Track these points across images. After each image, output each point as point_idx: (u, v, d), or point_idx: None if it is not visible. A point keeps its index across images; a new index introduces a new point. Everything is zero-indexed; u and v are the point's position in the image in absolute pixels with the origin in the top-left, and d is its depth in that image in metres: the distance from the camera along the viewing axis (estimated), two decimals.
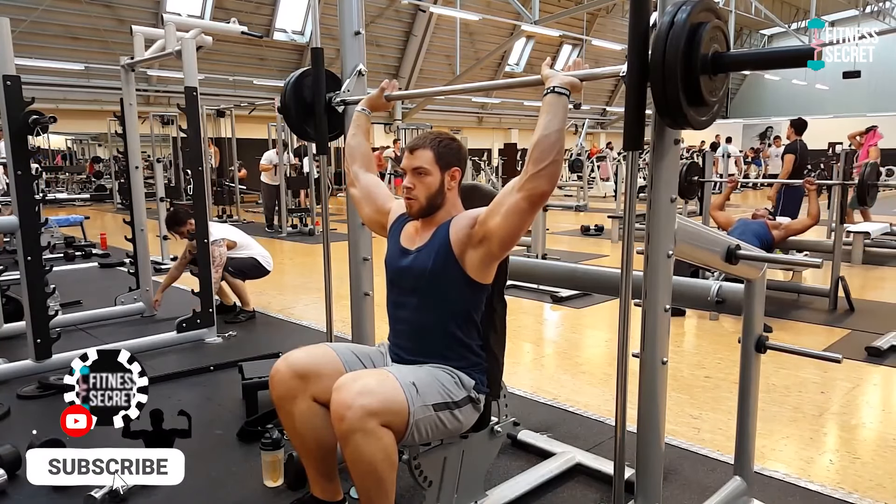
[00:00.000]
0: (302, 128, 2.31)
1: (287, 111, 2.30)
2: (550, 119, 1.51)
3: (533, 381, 3.25)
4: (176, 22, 3.88)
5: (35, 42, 12.37)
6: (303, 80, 2.27)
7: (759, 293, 1.83)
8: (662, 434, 1.57)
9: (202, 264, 3.80)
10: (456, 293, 1.70)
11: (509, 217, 1.58)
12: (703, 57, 1.28)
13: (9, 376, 3.18)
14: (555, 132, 1.51)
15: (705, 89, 1.30)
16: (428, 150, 1.74)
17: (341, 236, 2.31)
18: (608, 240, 8.41)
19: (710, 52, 1.30)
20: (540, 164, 1.52)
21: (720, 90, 1.37)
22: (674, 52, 1.26)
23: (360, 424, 1.47)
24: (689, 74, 1.28)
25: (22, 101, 3.12)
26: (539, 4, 14.60)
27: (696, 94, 1.30)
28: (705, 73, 1.30)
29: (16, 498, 2.11)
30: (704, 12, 1.29)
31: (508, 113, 22.66)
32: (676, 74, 1.26)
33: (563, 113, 1.51)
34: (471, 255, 1.68)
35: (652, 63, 1.29)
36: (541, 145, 1.51)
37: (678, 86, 1.27)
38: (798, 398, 2.95)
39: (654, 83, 1.30)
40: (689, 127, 1.36)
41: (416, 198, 1.74)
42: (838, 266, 4.53)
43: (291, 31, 16.55)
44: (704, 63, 1.28)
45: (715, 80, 1.33)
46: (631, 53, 1.33)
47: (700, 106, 1.33)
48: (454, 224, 1.72)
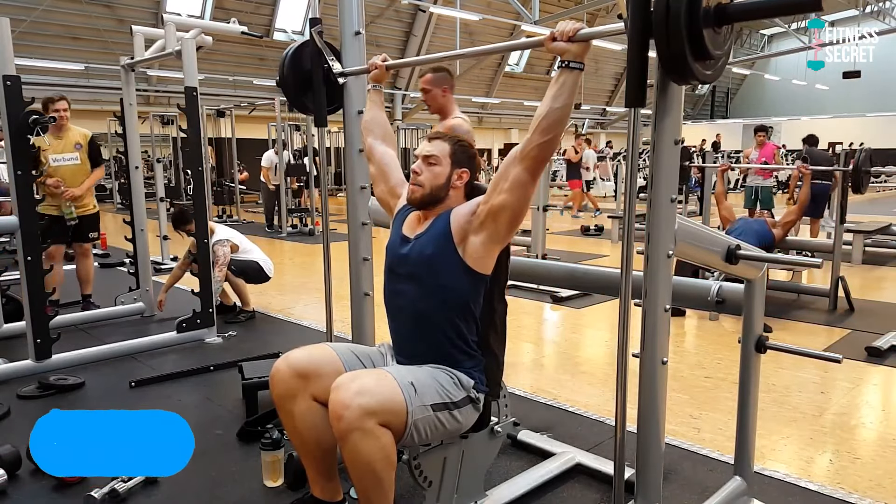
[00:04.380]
0: (300, 100, 2.29)
1: (285, 84, 2.27)
2: (564, 92, 1.51)
3: (533, 381, 3.25)
4: (176, 22, 3.88)
5: (35, 42, 12.36)
6: (301, 52, 2.24)
7: (759, 293, 1.83)
8: (662, 434, 1.57)
9: (202, 264, 3.80)
10: (454, 282, 1.70)
11: (515, 191, 1.60)
12: (706, 9, 1.25)
13: (9, 376, 3.18)
14: (567, 106, 1.52)
15: (710, 42, 1.28)
16: (445, 144, 1.78)
17: (341, 236, 2.31)
18: (608, 240, 8.41)
19: (714, 4, 1.27)
20: (547, 135, 1.53)
21: (725, 43, 1.35)
22: (677, 5, 1.23)
23: (357, 424, 1.47)
24: (693, 28, 1.25)
25: (22, 101, 3.12)
26: (539, 4, 14.60)
27: (701, 47, 1.27)
28: (709, 26, 1.27)
29: (16, 498, 2.11)
30: None
31: (508, 113, 22.65)
32: (681, 28, 1.23)
33: (575, 86, 1.51)
34: (472, 241, 1.69)
35: (655, 18, 1.26)
36: (550, 116, 1.52)
37: (683, 40, 1.24)
38: (798, 398, 2.95)
39: (657, 38, 1.26)
40: (695, 81, 1.33)
41: (422, 184, 1.76)
42: (838, 266, 4.54)
43: (291, 31, 16.53)
44: (707, 15, 1.26)
45: (719, 32, 1.31)
46: (632, 9, 1.30)
47: (705, 59, 1.30)
48: (455, 212, 1.74)
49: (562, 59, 1.50)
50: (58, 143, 4.13)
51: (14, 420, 2.73)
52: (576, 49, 1.48)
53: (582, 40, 1.48)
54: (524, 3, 14.48)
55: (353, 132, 2.23)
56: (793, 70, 22.44)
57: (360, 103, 2.19)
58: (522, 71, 21.84)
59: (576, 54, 1.49)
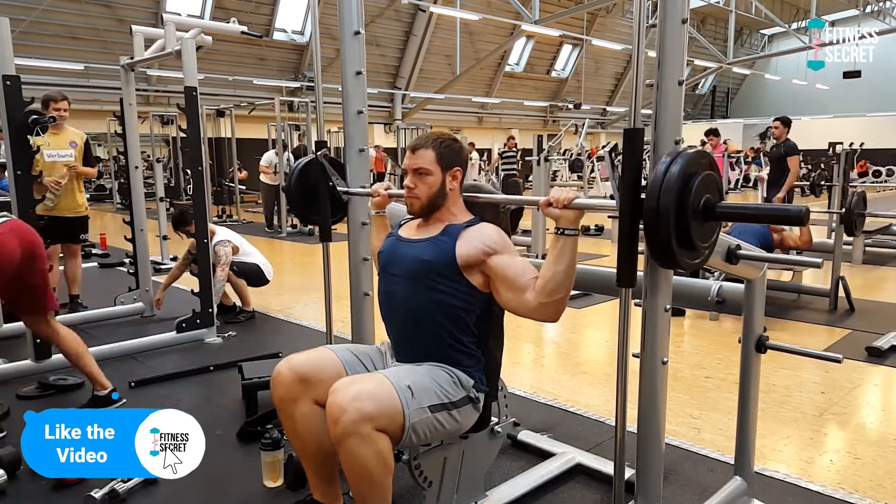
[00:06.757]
0: (306, 212, 2.37)
1: (293, 196, 2.37)
2: (564, 256, 1.55)
3: (533, 381, 3.24)
4: (176, 22, 3.87)
5: (35, 42, 12.34)
6: (307, 168, 2.31)
7: (760, 293, 1.82)
8: (662, 434, 1.57)
9: (202, 265, 3.80)
10: (451, 290, 1.70)
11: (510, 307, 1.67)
12: (694, 205, 1.32)
13: (9, 376, 3.17)
14: (569, 269, 1.56)
15: (696, 235, 1.34)
16: (430, 150, 1.75)
17: (341, 236, 2.31)
18: (608, 240, 8.41)
19: (702, 202, 1.34)
20: (554, 296, 1.57)
21: (711, 236, 1.42)
22: (667, 201, 1.29)
23: (354, 429, 1.47)
24: (682, 223, 1.32)
25: (22, 101, 3.12)
26: (539, 4, 14.57)
27: (687, 239, 1.34)
28: (697, 221, 1.34)
29: (16, 498, 2.11)
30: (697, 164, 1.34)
31: (508, 113, 22.64)
32: (670, 223, 1.30)
33: (574, 250, 1.55)
34: (476, 273, 1.71)
35: (646, 210, 1.32)
36: (555, 279, 1.55)
37: (671, 233, 1.31)
38: (798, 398, 2.95)
39: (647, 226, 1.33)
40: (679, 268, 1.41)
41: (418, 196, 1.76)
42: (839, 266, 4.53)
43: (291, 31, 16.53)
44: (696, 211, 1.33)
45: (706, 226, 1.37)
46: (624, 195, 1.36)
47: (691, 250, 1.37)
48: (464, 237, 1.72)
49: (557, 227, 1.55)
50: (53, 138, 4.15)
51: (14, 420, 2.72)
52: (570, 216, 1.53)
53: (576, 209, 1.53)
54: (524, 3, 14.45)
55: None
56: (793, 70, 22.44)
57: (363, 214, 2.29)
58: (523, 71, 21.83)
59: (570, 221, 1.53)
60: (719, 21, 23.40)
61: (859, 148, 13.86)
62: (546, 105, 23.49)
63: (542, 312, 1.60)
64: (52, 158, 4.14)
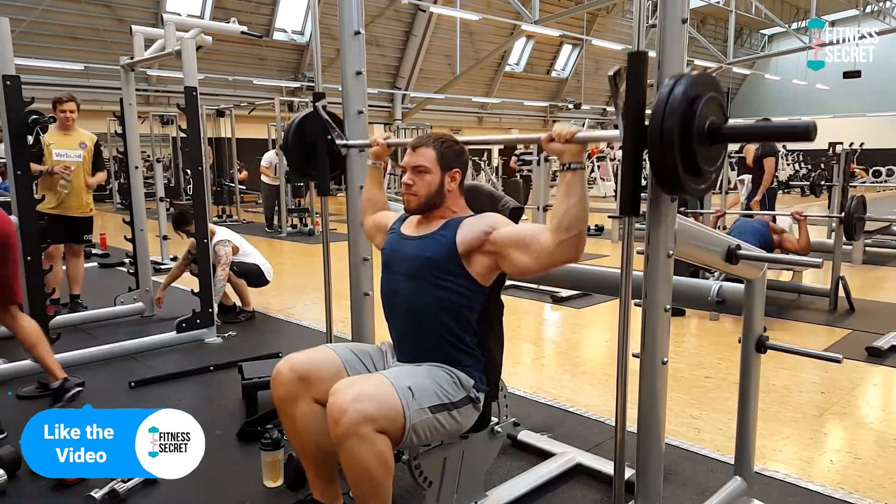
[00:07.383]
0: (304, 168, 2.34)
1: (289, 152, 2.34)
2: (573, 190, 1.52)
3: (533, 381, 3.24)
4: (176, 22, 3.87)
5: (35, 42, 12.34)
6: (305, 122, 2.29)
7: (760, 293, 1.82)
8: (662, 434, 1.57)
9: (202, 265, 3.80)
10: (452, 286, 1.70)
11: (528, 266, 1.60)
12: (699, 128, 1.29)
13: (9, 376, 3.18)
14: (580, 201, 1.52)
15: (702, 159, 1.32)
16: (430, 149, 1.76)
17: (341, 236, 2.31)
18: (608, 240, 8.42)
19: (707, 124, 1.31)
20: (570, 231, 1.52)
21: (717, 160, 1.39)
22: (671, 122, 1.27)
23: (354, 430, 1.47)
24: (687, 145, 1.29)
25: (22, 101, 3.12)
26: (539, 4, 14.56)
27: (693, 164, 1.31)
28: (702, 144, 1.31)
29: (15, 498, 2.11)
30: (702, 85, 1.31)
31: (508, 113, 22.63)
32: (674, 145, 1.27)
33: (582, 184, 1.53)
34: (478, 259, 1.69)
35: (650, 133, 1.30)
36: (569, 214, 1.51)
37: (676, 156, 1.28)
38: (798, 398, 2.95)
39: (652, 153, 1.31)
40: (685, 194, 1.39)
41: (416, 193, 1.76)
42: (838, 266, 4.53)
43: (291, 31, 16.53)
44: (701, 134, 1.30)
45: (711, 150, 1.35)
46: (628, 121, 1.34)
47: (697, 175, 1.35)
48: (464, 225, 1.73)
49: (561, 162, 1.53)
50: (63, 138, 4.20)
51: (14, 420, 2.72)
52: (573, 149, 1.51)
53: (578, 142, 1.50)
54: (524, 3, 14.45)
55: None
56: (793, 70, 22.41)
57: (361, 177, 2.23)
58: (523, 71, 21.83)
59: (574, 154, 1.51)
60: (719, 21, 23.38)
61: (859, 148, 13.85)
62: (546, 105, 23.47)
63: (562, 251, 1.54)
64: (62, 158, 4.18)
